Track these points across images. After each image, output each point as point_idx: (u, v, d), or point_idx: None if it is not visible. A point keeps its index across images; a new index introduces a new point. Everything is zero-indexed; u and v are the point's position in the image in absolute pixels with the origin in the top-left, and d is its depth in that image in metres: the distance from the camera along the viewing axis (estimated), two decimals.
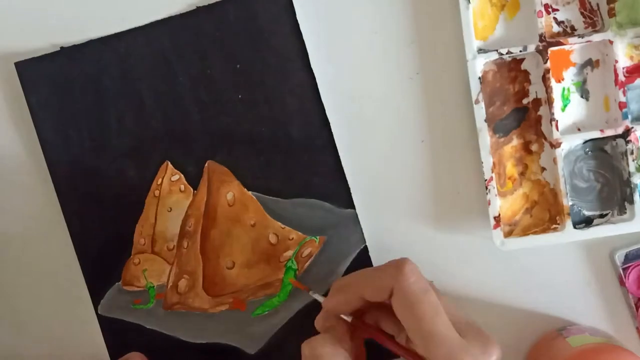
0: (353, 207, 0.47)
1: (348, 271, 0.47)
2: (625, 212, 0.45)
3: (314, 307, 0.47)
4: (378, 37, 0.47)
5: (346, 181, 0.47)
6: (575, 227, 0.45)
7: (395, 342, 0.41)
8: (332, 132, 0.47)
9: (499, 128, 0.47)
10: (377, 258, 0.47)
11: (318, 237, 0.47)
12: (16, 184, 0.49)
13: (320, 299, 0.45)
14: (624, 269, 0.46)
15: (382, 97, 0.47)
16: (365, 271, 0.42)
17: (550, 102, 0.45)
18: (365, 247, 0.47)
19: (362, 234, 0.47)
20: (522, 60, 0.46)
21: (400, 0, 0.47)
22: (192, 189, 0.48)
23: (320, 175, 0.47)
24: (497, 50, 0.45)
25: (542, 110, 0.46)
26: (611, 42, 0.44)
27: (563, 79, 0.46)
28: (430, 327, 0.37)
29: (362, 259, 0.47)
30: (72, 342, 0.50)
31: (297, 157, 0.47)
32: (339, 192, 0.47)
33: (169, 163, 0.48)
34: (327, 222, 0.47)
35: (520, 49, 0.45)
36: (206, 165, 0.48)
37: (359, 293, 0.41)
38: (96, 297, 0.49)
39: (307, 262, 0.48)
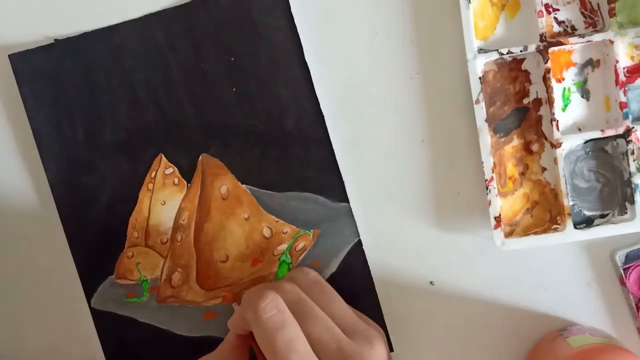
0: (347, 200, 0.47)
1: (342, 265, 0.47)
2: (626, 212, 0.45)
3: None
4: (378, 36, 0.47)
5: (340, 174, 0.47)
6: (575, 228, 0.45)
7: None
8: (326, 125, 0.47)
9: (499, 128, 0.46)
10: (374, 256, 0.47)
11: (312, 230, 0.47)
12: (9, 177, 0.49)
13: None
14: (624, 269, 0.46)
15: (382, 97, 0.47)
16: (246, 294, 0.42)
17: (550, 102, 0.45)
18: (359, 241, 0.47)
19: (356, 227, 0.47)
20: (522, 60, 0.46)
21: (400, 0, 0.47)
22: (185, 182, 0.48)
23: (315, 169, 0.47)
24: (497, 50, 0.45)
25: (543, 110, 0.46)
26: (612, 42, 0.44)
27: (564, 79, 0.46)
28: None
29: (356, 253, 0.47)
30: (66, 338, 0.50)
31: (291, 151, 0.47)
32: (333, 186, 0.47)
33: (163, 156, 0.48)
34: (321, 216, 0.47)
35: (521, 48, 0.45)
36: (200, 158, 0.48)
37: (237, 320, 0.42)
38: (89, 290, 0.48)
39: (301, 255, 0.48)
